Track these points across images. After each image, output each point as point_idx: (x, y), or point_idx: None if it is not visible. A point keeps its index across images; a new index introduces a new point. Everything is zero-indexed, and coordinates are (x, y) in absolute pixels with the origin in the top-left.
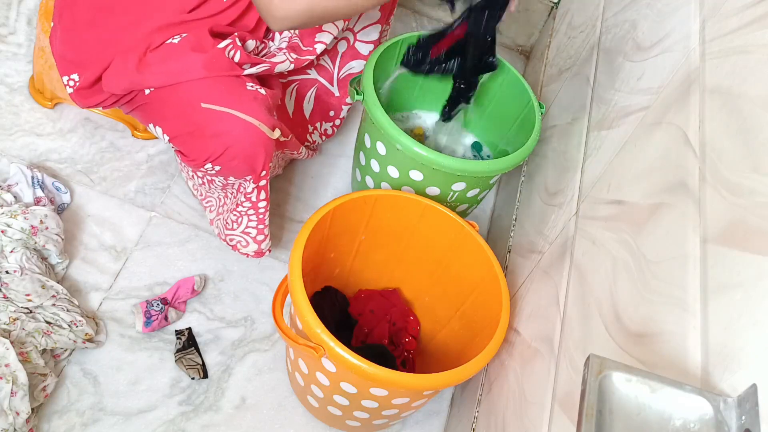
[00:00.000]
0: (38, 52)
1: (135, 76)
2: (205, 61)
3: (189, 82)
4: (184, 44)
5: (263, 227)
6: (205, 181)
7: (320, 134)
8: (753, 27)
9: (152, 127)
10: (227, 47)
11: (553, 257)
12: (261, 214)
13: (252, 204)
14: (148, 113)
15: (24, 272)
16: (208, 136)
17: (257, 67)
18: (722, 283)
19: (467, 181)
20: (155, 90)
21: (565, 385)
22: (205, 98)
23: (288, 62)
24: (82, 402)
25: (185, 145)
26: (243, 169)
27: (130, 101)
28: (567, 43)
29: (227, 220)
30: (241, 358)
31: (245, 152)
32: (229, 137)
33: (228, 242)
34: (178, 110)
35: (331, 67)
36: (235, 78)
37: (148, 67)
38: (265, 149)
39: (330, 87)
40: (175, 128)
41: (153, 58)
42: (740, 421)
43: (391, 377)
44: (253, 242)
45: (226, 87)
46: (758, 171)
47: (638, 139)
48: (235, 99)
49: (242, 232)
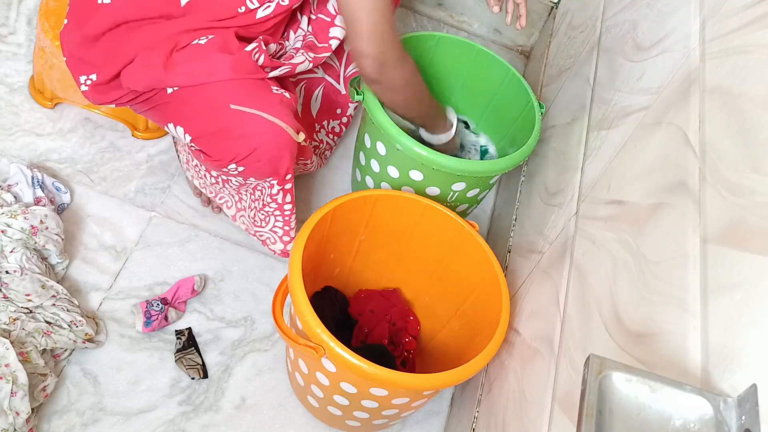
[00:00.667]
0: (38, 52)
1: (160, 74)
2: (232, 62)
3: (215, 83)
4: (210, 45)
5: (289, 228)
6: (220, 180)
7: (327, 132)
8: (753, 27)
9: (171, 127)
10: (254, 50)
11: (553, 257)
12: (287, 216)
13: (278, 205)
14: (168, 113)
15: (24, 272)
16: (234, 137)
17: (279, 70)
18: (722, 283)
19: (467, 181)
20: (178, 89)
21: (565, 385)
22: (233, 99)
23: (307, 62)
24: (82, 402)
25: (209, 145)
26: (266, 171)
27: (147, 100)
28: (567, 43)
29: (255, 218)
30: (241, 358)
31: (271, 154)
32: (256, 139)
33: (258, 237)
34: (203, 111)
35: (337, 66)
36: (261, 81)
37: (174, 66)
38: (290, 152)
39: (337, 85)
40: (199, 128)
41: (179, 57)
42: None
43: (391, 377)
44: (279, 241)
45: (253, 89)
46: (758, 171)
47: (638, 139)
48: (262, 101)
49: (270, 230)
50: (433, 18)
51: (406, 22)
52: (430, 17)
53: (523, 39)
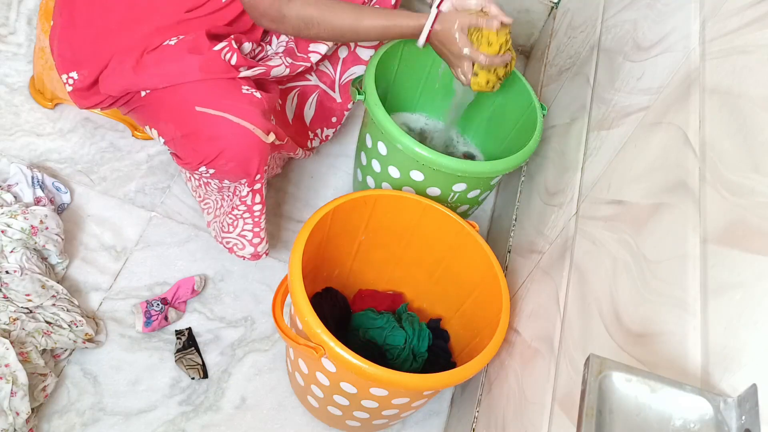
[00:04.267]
0: (38, 53)
1: (131, 78)
2: (201, 63)
3: (185, 84)
4: (180, 46)
5: (259, 230)
6: (202, 183)
7: (321, 140)
8: (753, 27)
9: (148, 129)
10: (223, 49)
11: (553, 257)
12: (257, 217)
13: (247, 207)
14: (145, 115)
15: (24, 272)
16: (202, 140)
17: (253, 70)
18: (722, 283)
19: (468, 182)
20: (151, 92)
21: (565, 385)
22: (199, 101)
23: (284, 67)
24: (82, 402)
25: (180, 147)
26: (237, 173)
27: (126, 102)
28: (567, 43)
29: (223, 223)
30: (241, 358)
31: (239, 156)
32: (223, 141)
33: (225, 245)
34: (173, 113)
35: (332, 73)
36: (231, 81)
37: (144, 69)
38: (259, 153)
39: (331, 93)
40: (170, 131)
41: (150, 59)
42: (740, 421)
43: (391, 377)
44: (249, 245)
45: (222, 90)
46: (758, 171)
47: (638, 139)
48: (229, 102)
49: (238, 235)
50: None
51: None
52: None
53: (523, 39)
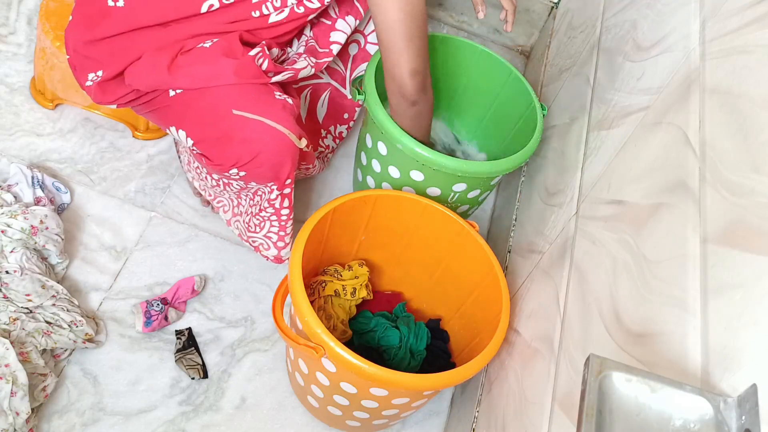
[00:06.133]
0: (39, 53)
1: (165, 76)
2: (236, 67)
3: (218, 87)
4: (215, 49)
5: (284, 234)
6: (221, 183)
7: (334, 138)
8: (753, 27)
9: (173, 130)
10: (257, 55)
11: (553, 257)
12: (283, 221)
13: (275, 210)
14: (170, 116)
15: (24, 272)
16: (236, 142)
17: (282, 75)
18: (722, 283)
19: (468, 182)
20: (181, 92)
21: (565, 385)
22: (236, 105)
23: (309, 67)
24: (82, 402)
25: (211, 149)
26: (268, 176)
27: (149, 101)
28: (567, 43)
29: (249, 223)
30: (241, 358)
31: (273, 160)
32: (258, 144)
33: (251, 243)
34: (206, 115)
35: (343, 70)
36: (264, 86)
37: (178, 69)
38: (291, 158)
39: (343, 90)
40: (201, 132)
41: (184, 60)
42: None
43: (391, 377)
44: (273, 247)
45: (257, 95)
46: (758, 171)
47: (638, 139)
48: (265, 107)
49: (264, 235)
50: (434, 18)
51: None
52: (431, 17)
53: (523, 39)
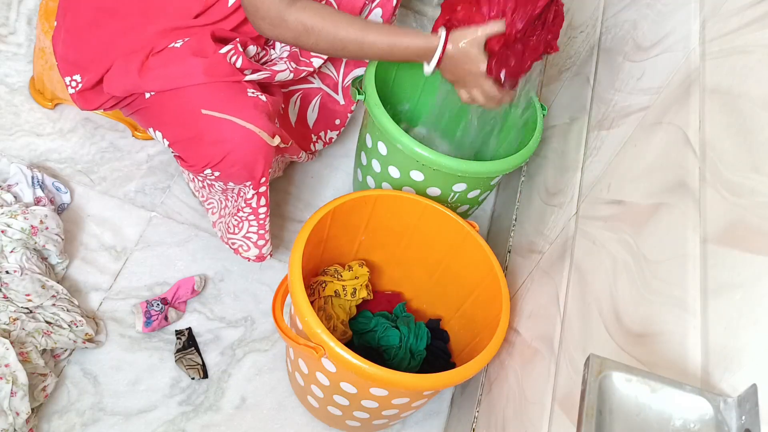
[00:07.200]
0: (38, 53)
1: (136, 80)
2: (205, 66)
3: (190, 87)
4: (185, 49)
5: (264, 232)
6: (206, 184)
7: (324, 143)
8: (753, 27)
9: (152, 131)
10: (229, 52)
11: (553, 257)
12: (261, 220)
13: (252, 210)
14: (148, 117)
15: (24, 272)
16: (207, 143)
17: (258, 74)
18: (722, 283)
19: (468, 182)
20: (156, 94)
21: (565, 385)
22: (205, 104)
23: (288, 71)
24: (82, 402)
25: (185, 150)
26: (242, 176)
27: (129, 104)
28: (567, 43)
29: (229, 225)
30: (241, 358)
31: (245, 159)
32: (228, 144)
33: (230, 245)
34: (178, 115)
35: (335, 75)
36: (236, 84)
37: (149, 71)
38: (264, 156)
39: (335, 95)
40: (174, 133)
41: (154, 62)
42: (740, 421)
43: (391, 377)
44: (254, 247)
45: (227, 93)
46: (758, 171)
47: (638, 139)
48: (235, 106)
49: (243, 236)
50: (433, 18)
51: (406, 22)
52: (431, 18)
53: None
